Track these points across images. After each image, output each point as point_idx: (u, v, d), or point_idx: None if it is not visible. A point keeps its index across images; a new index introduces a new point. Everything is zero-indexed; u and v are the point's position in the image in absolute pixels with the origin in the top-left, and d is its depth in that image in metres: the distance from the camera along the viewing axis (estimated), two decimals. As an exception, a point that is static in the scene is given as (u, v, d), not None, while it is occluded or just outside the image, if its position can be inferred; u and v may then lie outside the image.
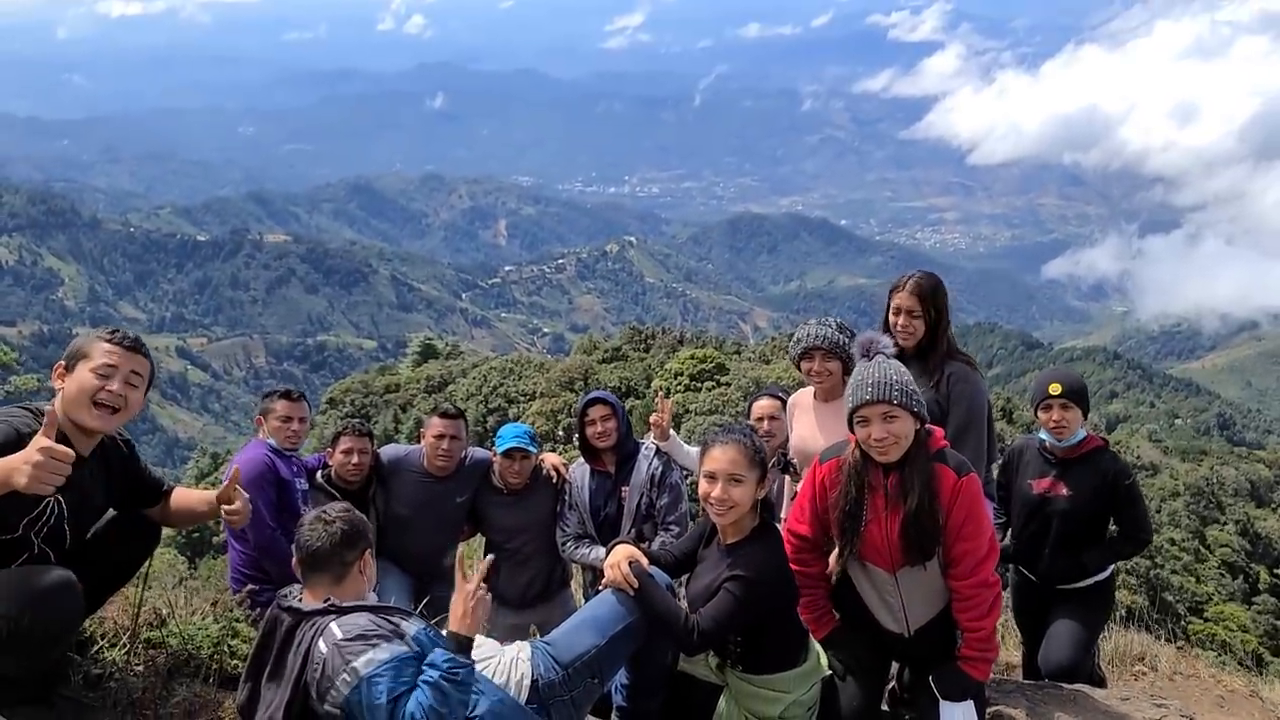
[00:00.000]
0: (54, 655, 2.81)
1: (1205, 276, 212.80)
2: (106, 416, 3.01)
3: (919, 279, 4.43)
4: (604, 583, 3.41)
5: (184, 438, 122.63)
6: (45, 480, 2.56)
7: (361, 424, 5.40)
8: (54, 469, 2.57)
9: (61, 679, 2.99)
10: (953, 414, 4.17)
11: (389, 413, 49.76)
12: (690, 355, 50.50)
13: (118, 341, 3.06)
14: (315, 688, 2.87)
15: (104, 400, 2.98)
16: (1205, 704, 5.21)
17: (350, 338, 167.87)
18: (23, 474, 2.54)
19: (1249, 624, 31.86)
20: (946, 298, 4.49)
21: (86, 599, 3.22)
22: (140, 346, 3.15)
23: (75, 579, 2.77)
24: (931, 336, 4.38)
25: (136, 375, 3.07)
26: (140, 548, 3.42)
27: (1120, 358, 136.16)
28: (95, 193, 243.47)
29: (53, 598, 2.70)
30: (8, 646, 2.67)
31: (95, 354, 3.01)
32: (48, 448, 2.57)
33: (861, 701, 3.56)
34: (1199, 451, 59.20)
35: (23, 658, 2.74)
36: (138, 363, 3.10)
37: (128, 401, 3.03)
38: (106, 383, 2.98)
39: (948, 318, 4.45)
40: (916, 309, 4.34)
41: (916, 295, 4.35)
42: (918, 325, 4.36)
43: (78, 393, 2.97)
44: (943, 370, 4.28)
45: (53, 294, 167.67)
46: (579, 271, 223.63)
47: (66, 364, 3.04)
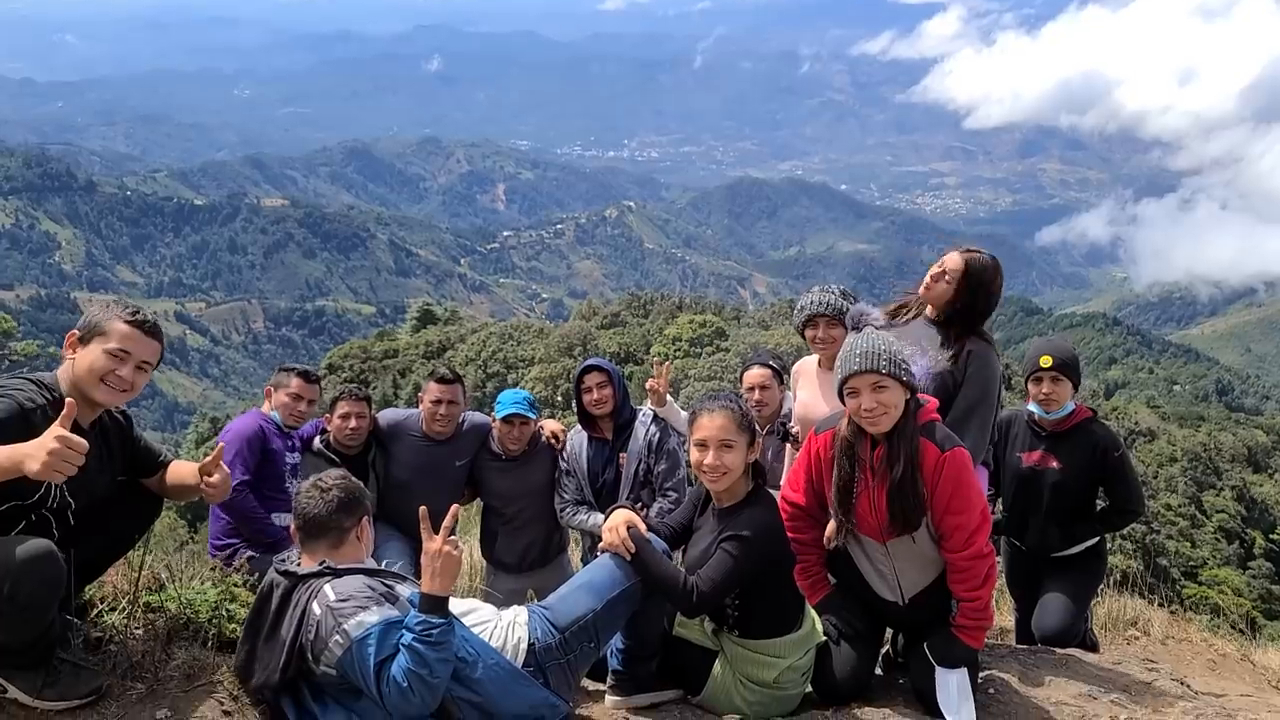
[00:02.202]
0: (40, 623, 2.81)
1: (1199, 242, 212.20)
2: (114, 394, 3.02)
3: (976, 253, 4.24)
4: (602, 547, 3.42)
5: (183, 403, 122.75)
6: (59, 470, 2.57)
7: (359, 389, 5.37)
8: (69, 458, 2.57)
9: (61, 642, 3.01)
10: (965, 391, 4.10)
11: (388, 378, 49.77)
12: (689, 321, 50.53)
13: (138, 324, 3.04)
14: (310, 649, 2.90)
15: (113, 383, 2.99)
16: (1197, 667, 5.26)
17: (349, 303, 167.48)
18: (36, 461, 2.55)
19: (1243, 588, 32.14)
20: (1000, 285, 4.29)
21: (87, 568, 3.24)
22: (158, 332, 3.15)
23: (55, 547, 2.77)
24: (967, 312, 4.21)
25: (147, 361, 3.08)
26: (141, 518, 3.43)
27: (1119, 324, 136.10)
28: (91, 155, 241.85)
29: (33, 567, 2.69)
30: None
31: (113, 334, 2.99)
32: (64, 437, 2.58)
33: (856, 666, 3.59)
34: (1197, 417, 59.37)
35: (9, 626, 2.75)
36: (152, 349, 3.10)
37: (134, 386, 3.04)
38: (119, 366, 2.98)
39: (992, 305, 4.28)
40: (958, 278, 4.16)
41: (962, 267, 4.16)
42: (947, 291, 4.18)
43: (88, 370, 2.97)
44: (964, 345, 4.17)
45: (50, 258, 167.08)
46: (578, 237, 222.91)
47: (81, 336, 3.02)
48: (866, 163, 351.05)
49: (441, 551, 2.92)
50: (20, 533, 2.85)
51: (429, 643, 2.78)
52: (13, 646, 2.82)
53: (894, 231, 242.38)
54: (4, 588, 2.64)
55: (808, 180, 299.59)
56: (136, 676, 3.10)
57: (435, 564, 2.91)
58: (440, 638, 2.81)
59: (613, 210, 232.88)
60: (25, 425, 2.79)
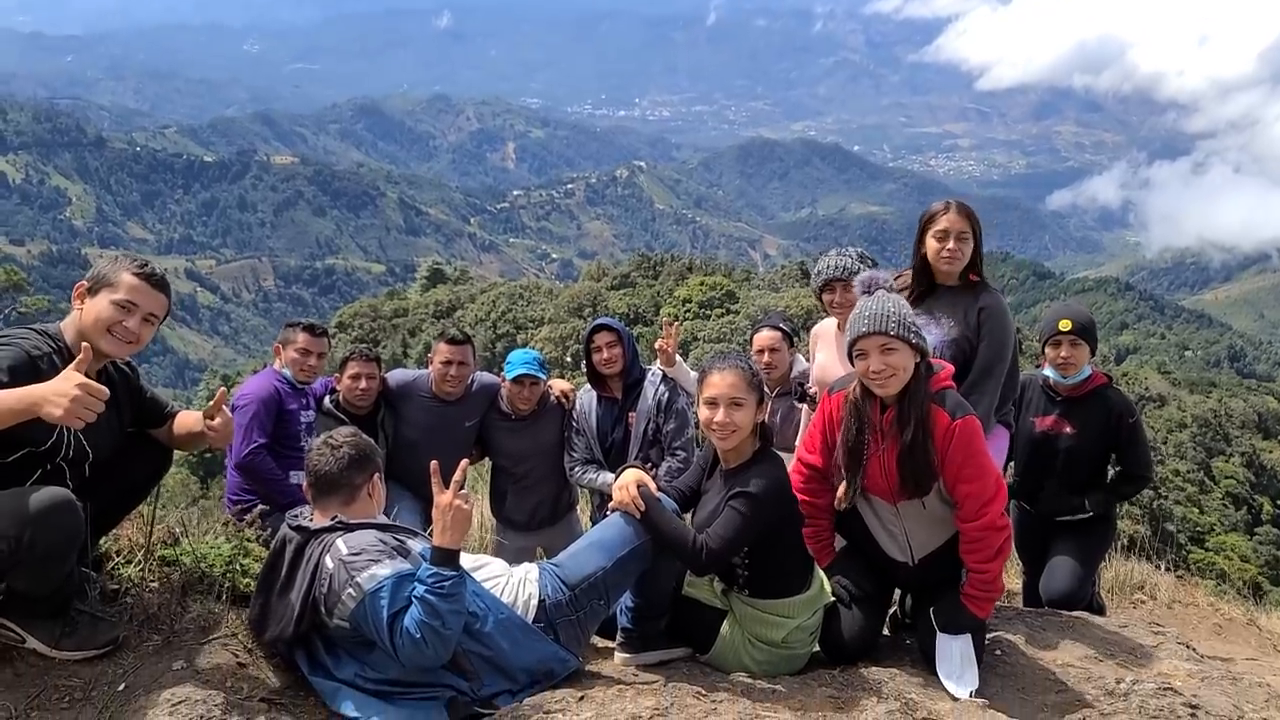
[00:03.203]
0: (60, 572, 2.84)
1: (1210, 206, 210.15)
2: (120, 346, 3.03)
3: (958, 202, 4.16)
4: (612, 505, 3.43)
5: (194, 360, 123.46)
6: (80, 416, 2.57)
7: (369, 349, 5.38)
8: (89, 404, 2.58)
9: (78, 594, 3.05)
10: (982, 350, 4.03)
11: (397, 337, 49.92)
12: (699, 283, 50.41)
13: (145, 277, 3.05)
14: (323, 603, 2.93)
15: (118, 334, 3.00)
16: (1203, 631, 5.29)
17: (358, 261, 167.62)
18: (57, 406, 2.55)
19: (1250, 554, 32.25)
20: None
21: (101, 520, 3.27)
22: (165, 285, 3.15)
23: (73, 496, 2.79)
24: (971, 264, 4.16)
25: (154, 314, 3.09)
26: (151, 470, 3.45)
27: (1132, 289, 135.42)
28: (100, 111, 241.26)
29: (52, 516, 2.71)
30: (12, 565, 2.72)
31: (121, 285, 3.00)
32: (85, 384, 2.58)
33: (864, 627, 3.61)
34: (1208, 383, 59.22)
35: (29, 576, 2.79)
36: (159, 302, 3.10)
37: (140, 338, 3.05)
38: (125, 318, 2.99)
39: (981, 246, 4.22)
40: (966, 230, 4.07)
41: (964, 215, 4.08)
42: (966, 249, 4.08)
43: (94, 321, 2.98)
44: (976, 303, 4.09)
45: (60, 213, 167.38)
46: (588, 197, 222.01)
47: (90, 287, 3.04)
48: (880, 124, 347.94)
49: (452, 505, 2.94)
50: (35, 483, 2.86)
51: (441, 594, 2.81)
52: (32, 596, 2.85)
53: (907, 194, 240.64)
54: (24, 536, 2.66)
55: (820, 141, 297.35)
56: (152, 628, 3.15)
57: (446, 517, 2.93)
58: (452, 589, 2.84)
59: (623, 170, 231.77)
60: (34, 372, 2.80)
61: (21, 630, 2.91)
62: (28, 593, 2.84)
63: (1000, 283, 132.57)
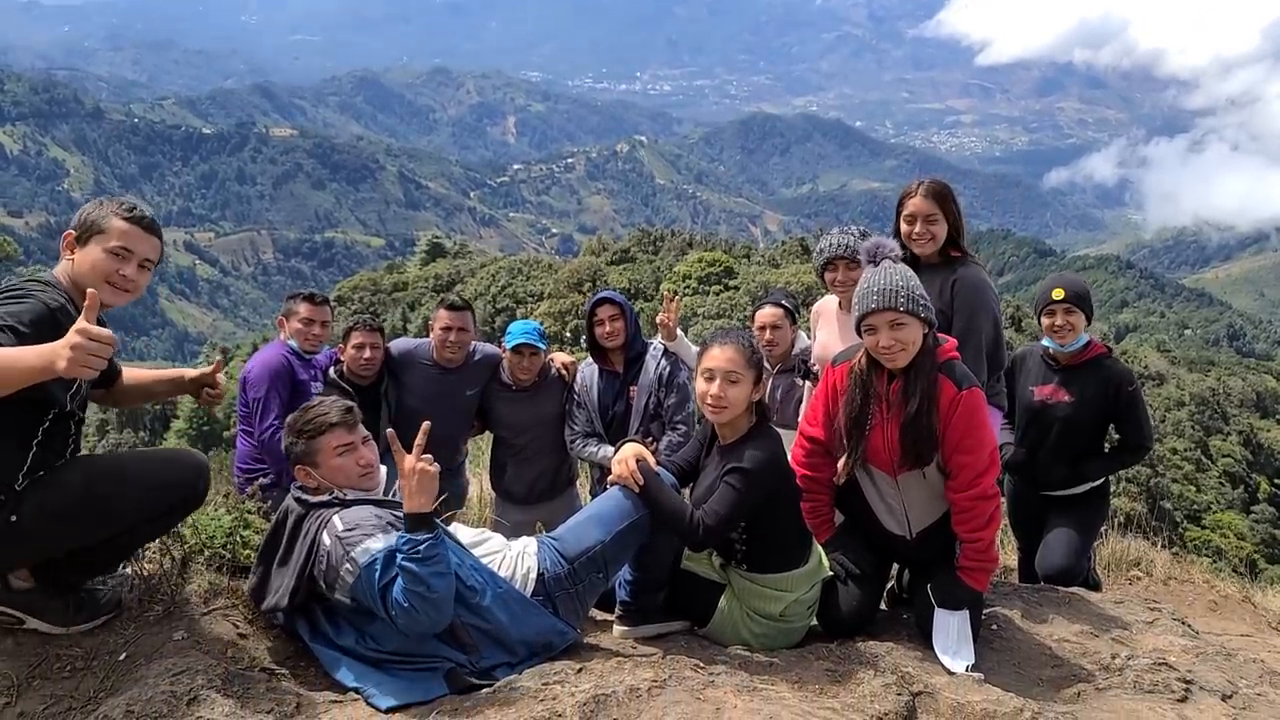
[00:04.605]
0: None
1: (1207, 185, 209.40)
2: (118, 295, 2.91)
3: (930, 182, 4.20)
4: (611, 479, 3.44)
5: (194, 332, 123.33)
6: (88, 364, 2.44)
7: (373, 319, 5.37)
8: (97, 351, 2.44)
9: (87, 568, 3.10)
10: (954, 323, 4.04)
11: (397, 311, 49.87)
12: (699, 258, 50.33)
13: (135, 220, 2.92)
14: (323, 579, 2.95)
15: (117, 283, 2.88)
16: (1198, 608, 5.32)
17: (358, 235, 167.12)
18: (64, 359, 2.41)
19: (1246, 532, 32.38)
20: (958, 203, 4.26)
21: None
22: (156, 227, 3.03)
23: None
24: (954, 237, 4.18)
25: (149, 260, 2.98)
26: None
27: (1133, 267, 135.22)
28: (98, 81, 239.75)
29: (207, 470, 2.92)
30: (183, 513, 2.91)
31: (112, 232, 2.87)
32: (85, 330, 2.43)
33: (861, 602, 3.62)
34: (1207, 362, 59.24)
35: (167, 526, 2.96)
36: (152, 245, 2.99)
37: (138, 285, 2.95)
38: (122, 265, 2.87)
39: (962, 223, 4.26)
40: (935, 213, 4.11)
41: (933, 197, 4.12)
42: (937, 231, 4.13)
43: (90, 271, 2.85)
44: (951, 277, 4.12)
45: (58, 185, 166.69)
46: (588, 171, 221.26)
47: (78, 235, 2.90)
48: (882, 99, 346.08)
49: (416, 469, 2.91)
50: (39, 444, 2.77)
51: (418, 559, 2.79)
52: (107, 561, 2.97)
53: (908, 170, 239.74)
54: (198, 484, 2.88)
55: (821, 116, 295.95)
56: (154, 599, 3.16)
57: (412, 481, 2.90)
58: (428, 552, 2.80)
59: (624, 145, 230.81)
60: (54, 324, 2.67)
61: (22, 614, 2.90)
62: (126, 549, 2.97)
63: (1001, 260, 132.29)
